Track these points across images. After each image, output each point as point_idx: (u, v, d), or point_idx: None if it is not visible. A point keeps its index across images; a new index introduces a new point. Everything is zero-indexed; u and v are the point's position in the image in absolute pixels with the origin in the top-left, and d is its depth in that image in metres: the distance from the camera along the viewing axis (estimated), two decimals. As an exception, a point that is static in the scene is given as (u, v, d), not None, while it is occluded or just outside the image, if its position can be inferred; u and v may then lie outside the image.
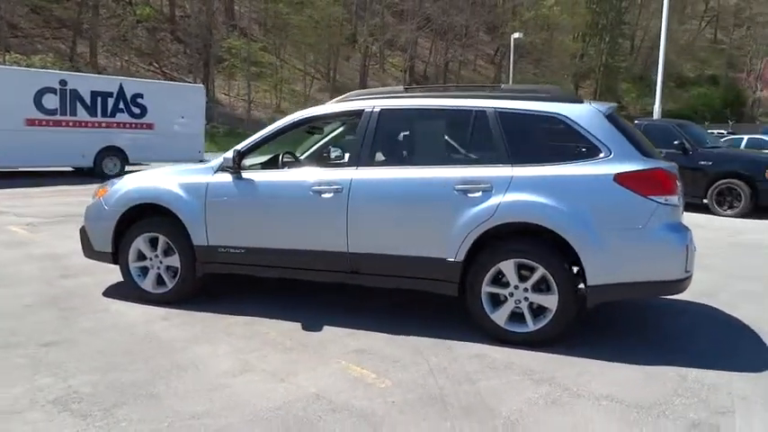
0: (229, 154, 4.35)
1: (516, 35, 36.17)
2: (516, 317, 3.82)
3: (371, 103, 4.23)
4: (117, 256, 4.71)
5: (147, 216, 4.62)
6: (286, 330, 4.06)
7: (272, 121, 5.17)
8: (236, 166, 4.30)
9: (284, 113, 39.37)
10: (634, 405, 3.03)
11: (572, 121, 3.78)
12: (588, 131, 3.74)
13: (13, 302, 4.59)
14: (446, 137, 4.17)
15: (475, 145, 3.96)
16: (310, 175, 4.27)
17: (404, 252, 3.97)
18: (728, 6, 71.08)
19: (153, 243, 4.61)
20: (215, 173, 4.44)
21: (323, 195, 4.10)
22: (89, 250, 4.88)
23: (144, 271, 4.68)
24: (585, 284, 3.67)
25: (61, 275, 5.44)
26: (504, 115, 3.88)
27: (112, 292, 4.91)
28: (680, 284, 3.66)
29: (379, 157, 4.14)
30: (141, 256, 4.66)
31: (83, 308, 4.49)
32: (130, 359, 3.53)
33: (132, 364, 3.47)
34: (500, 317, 3.82)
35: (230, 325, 4.16)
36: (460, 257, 3.83)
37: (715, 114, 51.56)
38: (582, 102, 3.93)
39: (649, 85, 62.09)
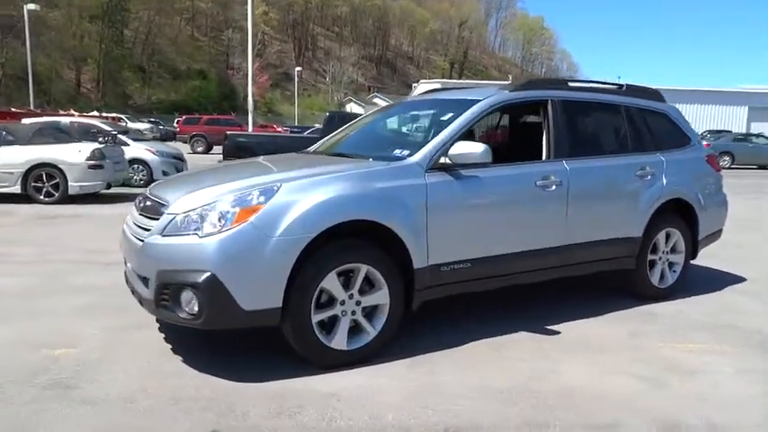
0: (459, 147, 3.43)
1: (32, 6, 30.97)
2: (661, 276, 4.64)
3: (549, 94, 4.11)
4: (287, 311, 2.99)
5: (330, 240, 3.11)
6: (515, 344, 3.61)
7: None
8: (484, 162, 3.44)
9: None
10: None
11: (671, 115, 4.81)
12: (680, 124, 4.85)
13: (114, 418, 2.39)
14: (612, 128, 4.45)
15: (632, 135, 4.44)
16: (527, 168, 3.85)
17: (605, 236, 4.17)
18: (204, 9, 78.12)
19: (342, 278, 3.16)
20: (427, 171, 3.41)
21: (547, 189, 3.83)
22: (229, 315, 2.87)
23: (323, 324, 3.15)
24: (696, 240, 4.80)
25: (34, 372, 2.88)
26: (641, 111, 4.56)
27: (225, 371, 3.05)
28: (722, 232, 5.23)
29: (574, 147, 4.08)
30: (319, 302, 3.12)
31: (272, 406, 2.74)
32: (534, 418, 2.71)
33: (547, 415, 2.70)
34: (656, 278, 4.58)
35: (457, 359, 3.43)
36: (640, 234, 4.36)
37: (216, 106, 56.25)
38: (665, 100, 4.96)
39: (151, 77, 62.82)
